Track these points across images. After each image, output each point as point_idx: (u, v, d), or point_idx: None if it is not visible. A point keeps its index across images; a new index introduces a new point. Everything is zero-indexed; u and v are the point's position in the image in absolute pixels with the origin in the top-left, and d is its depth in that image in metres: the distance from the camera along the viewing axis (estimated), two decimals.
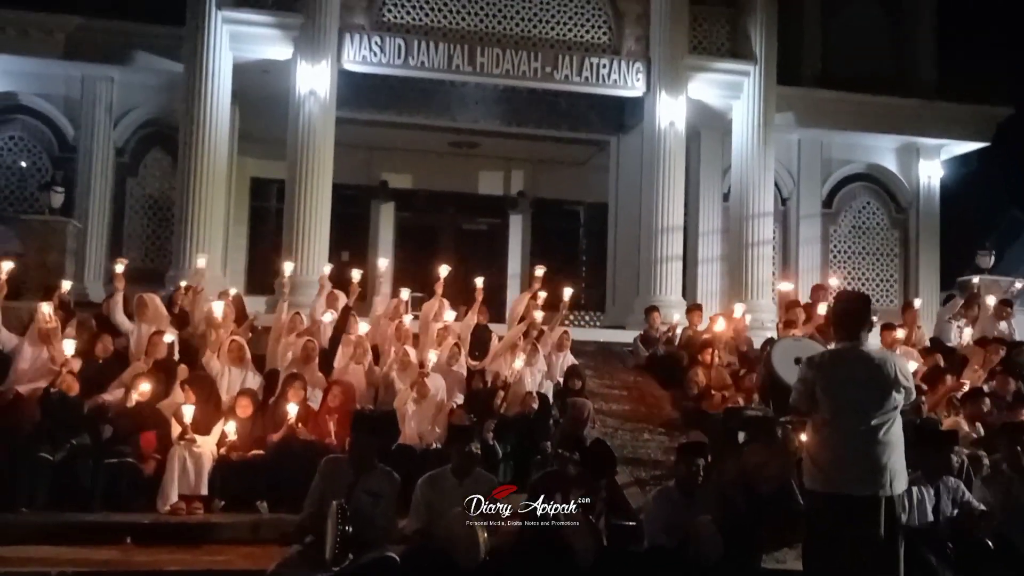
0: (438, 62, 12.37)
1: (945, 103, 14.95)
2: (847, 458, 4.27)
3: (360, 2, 12.35)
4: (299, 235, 11.80)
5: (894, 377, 4.34)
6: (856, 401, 4.30)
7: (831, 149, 15.25)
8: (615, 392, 9.94)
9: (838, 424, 4.32)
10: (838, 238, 15.36)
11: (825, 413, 4.36)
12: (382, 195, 16.53)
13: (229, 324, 8.52)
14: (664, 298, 12.42)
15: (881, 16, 15.55)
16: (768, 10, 13.27)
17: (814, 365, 4.45)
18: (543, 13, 12.83)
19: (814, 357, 4.55)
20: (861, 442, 4.26)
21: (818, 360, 4.49)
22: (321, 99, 11.94)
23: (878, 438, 4.26)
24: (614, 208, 15.12)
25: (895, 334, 9.68)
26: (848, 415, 4.30)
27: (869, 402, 4.29)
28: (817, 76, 14.90)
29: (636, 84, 12.94)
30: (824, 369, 4.40)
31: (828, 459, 4.32)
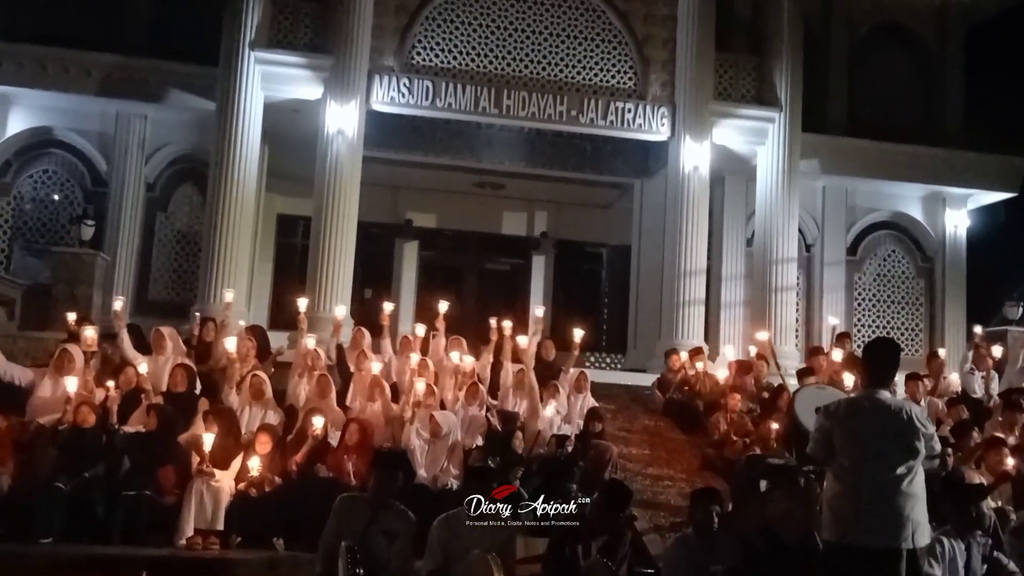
0: (465, 104, 12.54)
1: (972, 153, 14.92)
2: (866, 509, 4.18)
3: (390, 45, 12.58)
4: (323, 272, 11.90)
5: (913, 425, 4.26)
6: (875, 450, 4.23)
7: (856, 196, 15.20)
8: (635, 436, 9.86)
9: (857, 474, 4.24)
10: (863, 286, 15.25)
11: (843, 462, 4.29)
12: (406, 233, 16.67)
13: (249, 360, 8.55)
14: (686, 342, 12.35)
15: (908, 66, 15.62)
16: (793, 58, 13.36)
17: (831, 414, 4.40)
18: (569, 58, 13.00)
19: (830, 406, 4.49)
20: (881, 492, 4.17)
21: (834, 409, 4.43)
22: (349, 138, 12.12)
23: (899, 488, 4.18)
24: (637, 251, 15.12)
25: (921, 384, 9.54)
26: (867, 465, 4.22)
27: (888, 451, 4.22)
28: (843, 124, 14.96)
29: (661, 129, 13.02)
30: (841, 418, 4.34)
31: (846, 509, 4.23)
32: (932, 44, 15.60)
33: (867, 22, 15.46)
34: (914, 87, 15.59)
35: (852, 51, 15.32)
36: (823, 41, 15.15)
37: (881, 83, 15.39)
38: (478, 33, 12.79)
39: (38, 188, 13.54)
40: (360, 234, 12.49)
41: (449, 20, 12.77)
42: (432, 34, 12.73)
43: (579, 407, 9.31)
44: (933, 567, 5.52)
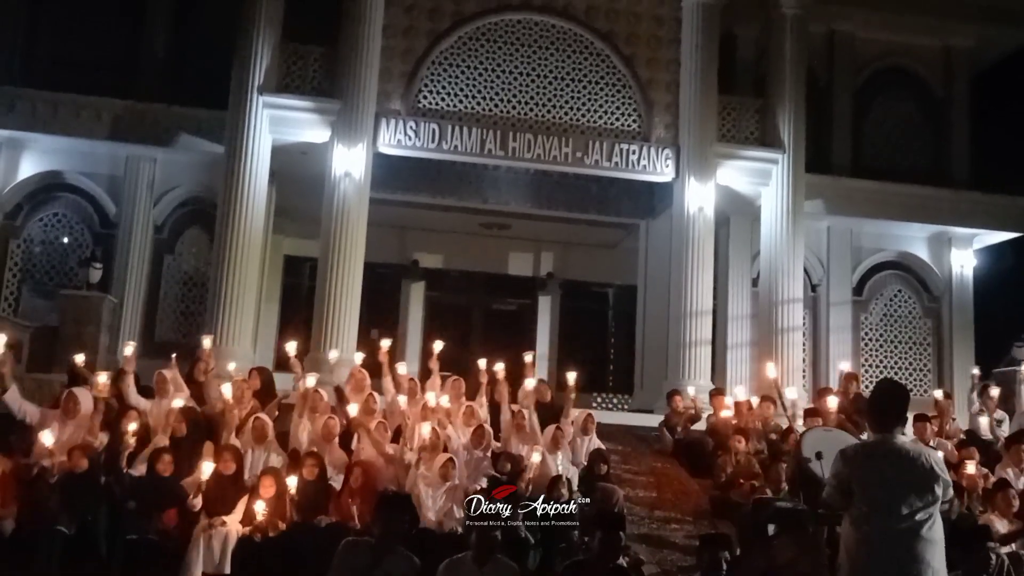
0: (471, 146, 12.67)
1: (978, 193, 14.96)
2: (886, 556, 4.09)
3: (397, 89, 12.75)
4: (329, 312, 11.94)
5: (931, 470, 4.19)
6: (894, 497, 4.14)
7: (861, 237, 15.22)
8: (642, 479, 9.77)
9: (875, 521, 4.15)
10: (869, 326, 15.20)
11: (862, 509, 4.20)
12: (413, 274, 16.73)
13: (247, 403, 8.53)
14: (693, 382, 12.29)
15: (913, 108, 15.76)
16: (796, 101, 13.47)
17: (847, 459, 4.30)
18: (574, 101, 13.14)
19: (847, 451, 4.40)
20: (900, 539, 4.09)
21: (851, 454, 4.34)
22: (356, 180, 12.23)
23: (919, 535, 4.10)
24: (643, 291, 15.13)
25: (929, 426, 9.48)
26: (886, 511, 4.13)
27: (908, 498, 4.13)
28: (847, 165, 15.07)
29: (665, 170, 13.11)
30: (858, 463, 4.26)
31: (865, 557, 4.14)
32: (937, 87, 15.74)
33: (871, 65, 15.63)
34: (919, 129, 15.70)
35: (856, 93, 15.47)
36: (827, 83, 15.31)
37: (886, 125, 15.54)
38: (484, 77, 12.97)
39: (48, 231, 13.67)
40: (367, 275, 12.53)
41: (455, 64, 12.95)
42: (438, 78, 12.91)
43: (584, 449, 9.24)
44: None
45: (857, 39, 15.46)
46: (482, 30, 13.05)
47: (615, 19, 13.31)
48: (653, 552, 8.02)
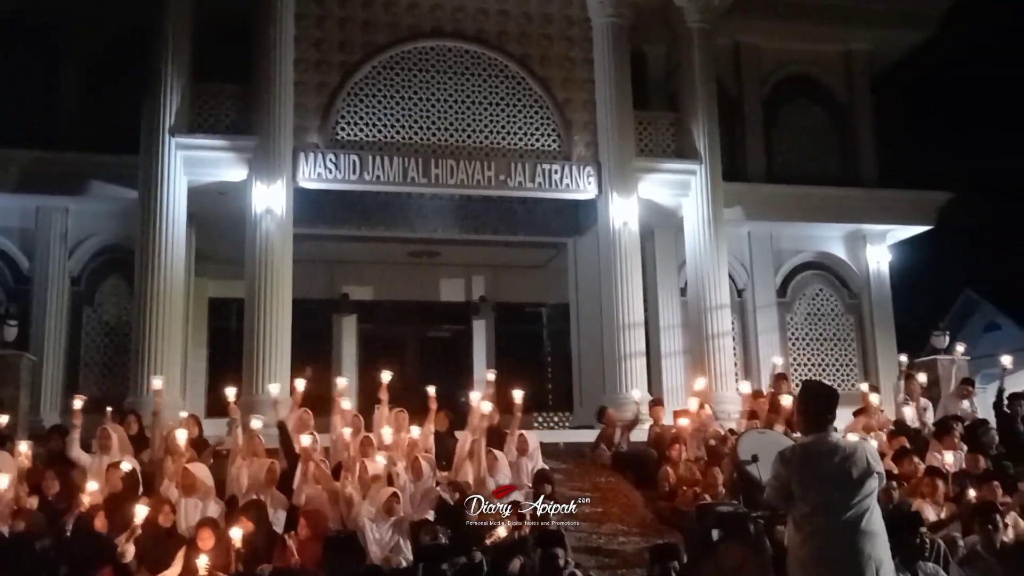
0: (393, 175, 12.63)
1: (887, 191, 15.52)
2: (830, 553, 4.20)
3: (313, 122, 12.66)
4: (259, 353, 11.70)
5: (868, 465, 4.32)
6: (834, 494, 4.25)
7: (781, 240, 15.62)
8: (586, 494, 9.76)
9: (818, 519, 4.25)
10: (794, 326, 15.57)
11: (804, 509, 4.30)
12: (344, 308, 16.53)
13: (185, 451, 8.31)
14: (630, 394, 12.40)
15: (819, 112, 16.28)
16: (709, 113, 13.81)
17: (786, 461, 4.40)
18: (494, 124, 13.24)
19: (785, 452, 4.49)
20: (843, 535, 4.20)
21: (789, 456, 4.43)
22: (278, 217, 12.07)
23: (860, 529, 4.21)
24: (575, 308, 15.24)
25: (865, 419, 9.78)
26: (827, 508, 4.24)
27: (847, 493, 4.25)
28: (762, 171, 15.48)
29: (588, 187, 13.27)
30: (796, 465, 4.36)
31: (811, 555, 4.24)
32: (840, 91, 16.29)
33: (777, 74, 16.11)
34: (826, 132, 16.23)
35: (765, 102, 15.92)
36: (737, 94, 15.74)
37: (795, 130, 16.03)
38: (401, 105, 12.97)
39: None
40: (296, 312, 12.33)
41: (371, 95, 12.93)
42: (355, 109, 12.86)
43: (527, 470, 9.22)
44: None
45: (761, 49, 15.95)
46: (396, 59, 13.07)
47: (527, 42, 13.49)
48: (602, 567, 8.02)
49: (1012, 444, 9.94)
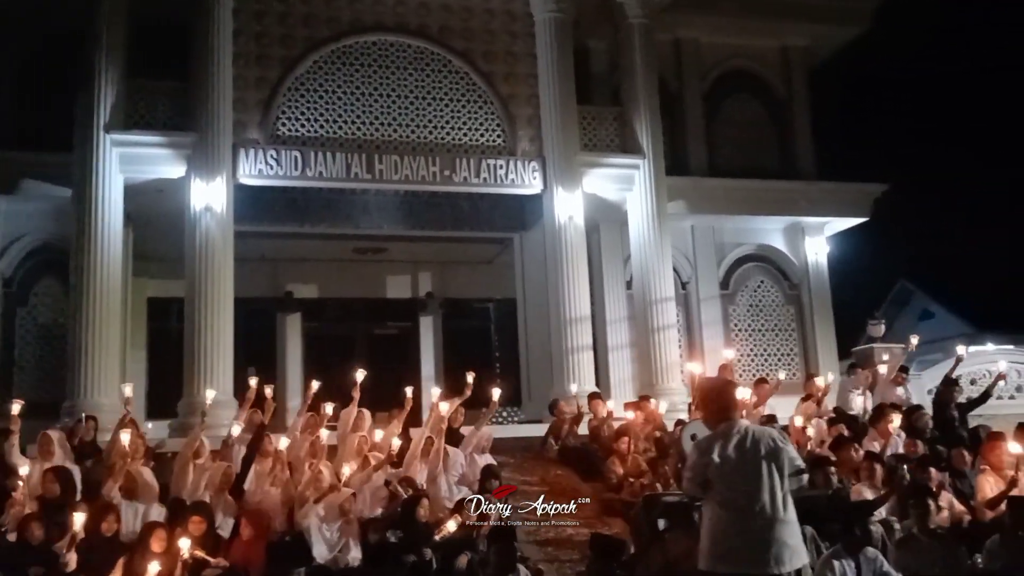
0: (336, 172, 12.49)
1: (824, 183, 15.87)
2: (742, 538, 4.31)
3: (253, 118, 12.46)
4: (201, 354, 11.50)
5: (777, 447, 4.44)
6: (746, 480, 4.37)
7: (723, 233, 15.86)
8: (535, 489, 9.79)
9: (731, 505, 4.37)
10: (737, 317, 15.83)
11: (718, 496, 4.41)
12: (288, 306, 16.31)
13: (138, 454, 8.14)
14: (578, 388, 12.48)
15: (758, 106, 16.56)
16: (651, 107, 13.94)
17: (701, 451, 4.53)
18: (438, 119, 13.18)
19: (700, 443, 4.64)
20: (754, 521, 4.31)
21: (704, 446, 4.56)
22: (218, 215, 11.85)
23: (772, 515, 4.32)
24: (523, 303, 15.27)
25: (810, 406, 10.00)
26: (739, 495, 4.36)
27: (759, 479, 4.36)
28: (704, 166, 15.70)
29: (533, 182, 13.30)
30: (711, 453, 4.47)
31: (723, 540, 4.36)
32: (778, 85, 16.61)
33: (716, 69, 16.35)
34: (765, 126, 16.53)
35: (706, 97, 16.15)
36: (678, 89, 15.93)
37: (735, 125, 16.29)
38: (343, 100, 12.84)
39: None
40: (239, 311, 12.14)
41: (312, 90, 12.78)
42: (296, 104, 12.70)
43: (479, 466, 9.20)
44: None
45: (701, 44, 16.17)
46: (337, 54, 12.93)
47: (470, 37, 13.45)
48: (552, 559, 8.05)
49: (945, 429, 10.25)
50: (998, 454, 8.40)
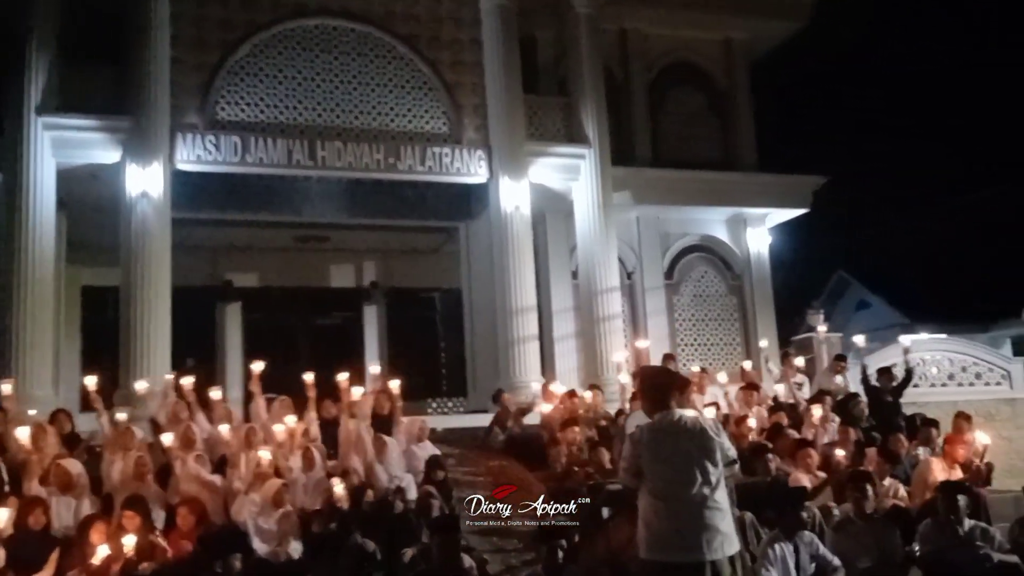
0: (277, 158, 12.26)
1: (765, 175, 16.11)
2: (675, 526, 4.37)
3: (191, 102, 12.15)
4: (137, 343, 11.22)
5: (708, 436, 4.49)
6: (678, 469, 4.42)
7: (668, 224, 15.98)
8: (480, 479, 9.79)
9: (664, 494, 4.42)
10: (681, 307, 15.97)
11: (652, 485, 4.46)
12: (228, 296, 15.98)
13: (53, 448, 7.87)
14: (523, 378, 12.50)
15: (702, 98, 16.72)
16: (597, 97, 13.98)
17: (635, 442, 4.58)
18: (382, 106, 13.02)
19: (634, 434, 4.68)
20: (688, 509, 4.36)
21: (638, 436, 4.61)
22: (155, 201, 11.55)
23: (705, 503, 4.38)
24: (468, 293, 15.22)
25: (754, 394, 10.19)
26: (672, 484, 4.41)
27: (691, 468, 4.41)
28: (648, 157, 15.79)
29: (479, 171, 13.23)
30: (645, 443, 4.52)
31: (657, 528, 4.41)
32: (720, 78, 16.78)
33: (661, 61, 16.45)
34: (708, 118, 16.70)
35: (650, 88, 16.24)
36: (623, 80, 15.99)
37: (679, 116, 16.43)
38: (285, 85, 12.60)
39: None
40: (176, 300, 11.84)
41: (253, 74, 12.51)
42: (236, 89, 12.42)
43: (421, 457, 9.15)
44: (769, 572, 5.80)
45: (646, 36, 16.25)
46: (279, 37, 12.67)
47: (415, 23, 13.30)
48: (497, 549, 8.05)
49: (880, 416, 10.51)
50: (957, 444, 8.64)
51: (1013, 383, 14.34)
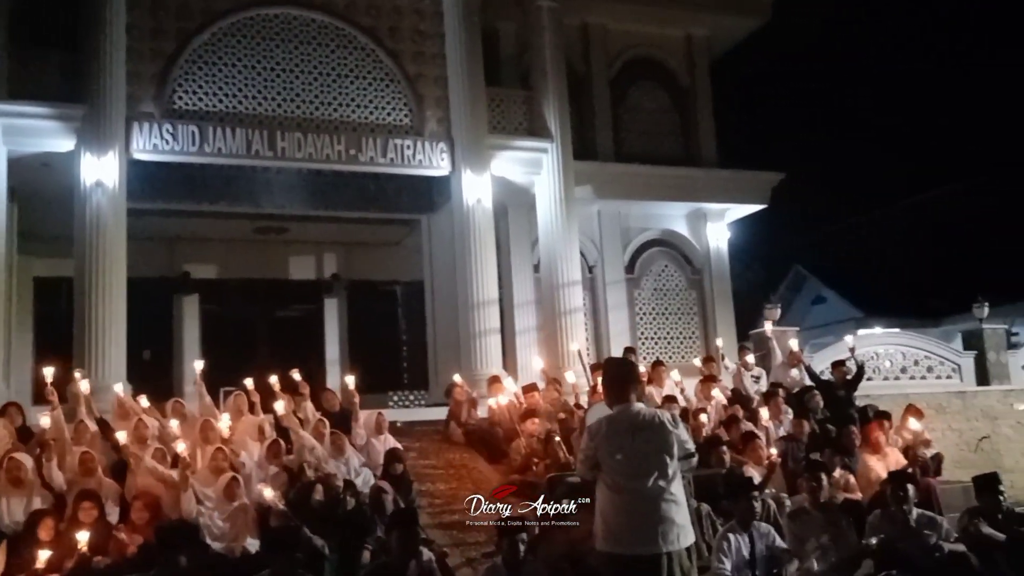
0: (236, 148, 12.09)
1: (725, 171, 16.27)
2: (631, 519, 4.40)
3: (148, 91, 11.94)
4: (92, 335, 11.00)
5: (666, 430, 4.53)
6: (635, 462, 4.45)
7: (629, 218, 16.07)
8: (440, 472, 9.80)
9: (620, 487, 4.45)
10: (642, 301, 16.09)
11: (609, 478, 4.49)
12: (185, 287, 15.77)
13: (5, 441, 7.71)
14: (485, 371, 12.49)
15: (663, 94, 16.81)
16: (559, 91, 14.00)
17: (592, 435, 4.61)
18: (343, 97, 12.91)
19: (591, 427, 4.72)
20: (644, 502, 4.40)
21: (595, 430, 4.64)
22: (110, 191, 11.34)
23: (661, 496, 4.42)
24: (430, 286, 15.18)
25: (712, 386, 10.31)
26: (628, 477, 4.44)
27: (648, 461, 4.45)
28: (610, 151, 15.87)
29: (441, 164, 13.19)
30: (602, 436, 4.55)
31: (614, 521, 4.45)
32: (682, 74, 16.90)
33: (623, 56, 16.52)
34: (669, 114, 16.80)
35: (612, 83, 16.30)
36: (586, 74, 16.04)
37: (641, 111, 16.52)
38: (244, 75, 12.43)
39: None
40: (132, 291, 11.63)
41: (211, 63, 12.32)
42: (194, 78, 12.22)
43: (380, 450, 9.12)
44: (723, 563, 5.88)
45: (609, 31, 16.31)
46: (238, 26, 12.49)
47: (377, 14, 13.20)
48: (457, 542, 8.06)
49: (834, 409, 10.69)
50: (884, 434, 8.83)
51: (963, 376, 14.69)
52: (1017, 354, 15.23)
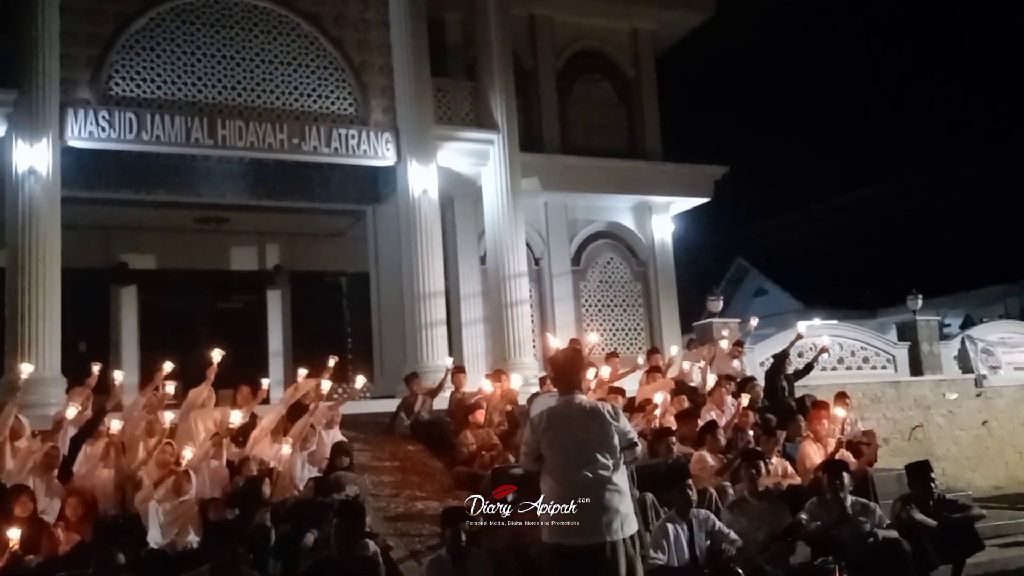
0: (175, 136, 11.82)
1: (669, 164, 16.42)
2: (577, 510, 4.43)
3: (83, 76, 11.60)
4: (25, 327, 10.68)
5: (607, 422, 4.57)
6: (578, 453, 4.50)
7: (575, 210, 16.15)
8: (386, 464, 9.74)
9: (565, 478, 4.49)
10: (588, 293, 16.19)
11: (550, 469, 4.53)
12: (122, 278, 15.39)
13: None
14: (432, 363, 12.45)
15: (609, 87, 16.91)
16: (506, 83, 13.98)
17: (534, 427, 4.64)
18: (286, 85, 12.71)
19: (534, 420, 4.74)
20: (588, 492, 4.43)
21: (537, 422, 4.67)
22: (43, 179, 11.01)
23: (604, 486, 4.46)
24: (376, 277, 15.06)
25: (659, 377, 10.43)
26: (572, 469, 4.48)
27: (590, 452, 4.49)
28: (557, 143, 15.91)
29: (386, 154, 13.07)
30: (544, 428, 4.58)
31: (557, 512, 4.47)
32: (627, 67, 17.01)
33: (570, 48, 16.56)
34: (615, 107, 16.91)
35: (559, 75, 16.34)
36: (532, 66, 16.04)
37: (587, 104, 16.59)
38: (184, 61, 12.15)
39: None
40: (68, 282, 11.32)
41: (150, 48, 12.02)
42: (132, 63, 11.91)
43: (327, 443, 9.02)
44: (658, 554, 5.95)
45: (555, 23, 16.34)
46: (178, 11, 12.20)
47: (321, 1, 13.01)
48: (402, 534, 8.02)
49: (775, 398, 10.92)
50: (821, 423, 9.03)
51: (898, 367, 15.11)
52: (949, 345, 15.71)
